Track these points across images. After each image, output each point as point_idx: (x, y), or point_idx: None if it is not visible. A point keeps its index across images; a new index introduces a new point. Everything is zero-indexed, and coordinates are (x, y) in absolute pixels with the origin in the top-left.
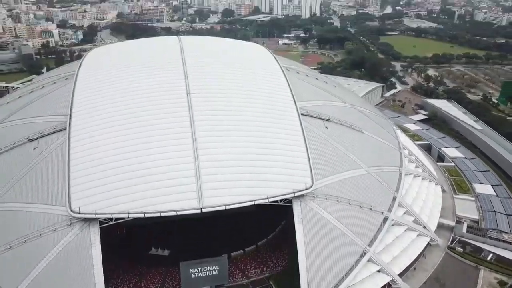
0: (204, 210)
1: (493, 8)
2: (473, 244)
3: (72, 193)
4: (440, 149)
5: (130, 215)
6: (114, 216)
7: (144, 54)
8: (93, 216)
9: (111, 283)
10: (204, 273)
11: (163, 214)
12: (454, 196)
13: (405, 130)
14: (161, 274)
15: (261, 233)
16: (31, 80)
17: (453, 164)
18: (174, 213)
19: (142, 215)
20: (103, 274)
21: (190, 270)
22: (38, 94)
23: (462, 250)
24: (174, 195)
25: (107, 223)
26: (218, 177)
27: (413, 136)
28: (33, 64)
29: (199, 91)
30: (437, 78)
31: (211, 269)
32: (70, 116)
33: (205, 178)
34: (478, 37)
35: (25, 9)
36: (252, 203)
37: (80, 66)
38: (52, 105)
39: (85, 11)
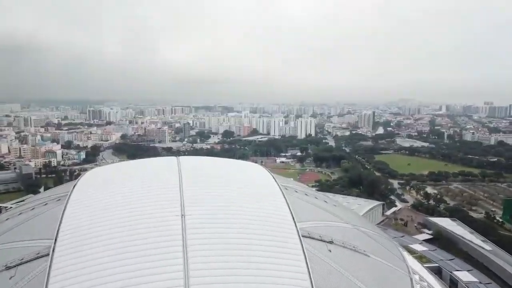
0: None
1: (480, 129)
2: None
3: None
4: (451, 272)
5: None
6: None
7: (140, 175)
8: None
9: None
10: None
11: None
12: None
13: (411, 251)
14: None
15: None
16: (24, 200)
17: None
18: None
19: None
20: None
21: None
22: (26, 216)
23: None
24: None
25: None
26: None
27: (421, 258)
28: (31, 184)
29: (194, 213)
30: (437, 196)
31: None
32: (55, 240)
33: None
34: (470, 156)
35: (34, 131)
36: None
37: (74, 187)
38: (39, 228)
39: (91, 133)
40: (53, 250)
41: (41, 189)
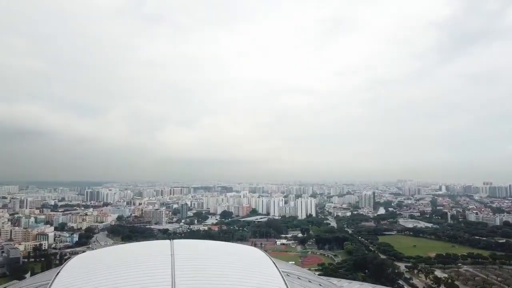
0: None
1: (483, 209)
2: None
3: None
4: None
5: None
6: None
7: (130, 261)
8: None
9: None
10: None
11: None
12: None
13: None
14: None
15: None
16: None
17: None
18: None
19: None
20: None
21: None
22: None
23: None
24: None
25: None
26: None
27: None
28: (17, 268)
29: None
30: (447, 280)
31: None
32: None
33: None
34: (477, 237)
35: (28, 213)
36: None
37: (56, 275)
38: None
39: (86, 214)
40: None
41: (27, 275)
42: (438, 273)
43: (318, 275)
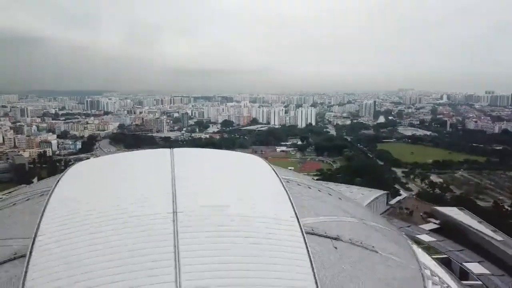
0: None
1: (482, 118)
2: None
3: None
4: (461, 264)
5: None
6: None
7: (130, 169)
8: None
9: None
10: None
11: None
12: None
13: (418, 242)
14: None
15: None
16: (11, 191)
17: (480, 282)
18: None
19: None
20: None
21: None
22: (7, 212)
23: None
24: None
25: None
26: None
27: (429, 249)
28: (24, 174)
29: (187, 210)
30: (442, 184)
31: None
32: (34, 241)
33: None
34: (475, 144)
35: (30, 122)
36: None
37: (58, 182)
38: (18, 226)
39: (87, 123)
40: (31, 250)
41: (35, 180)
42: (434, 178)
43: (317, 179)
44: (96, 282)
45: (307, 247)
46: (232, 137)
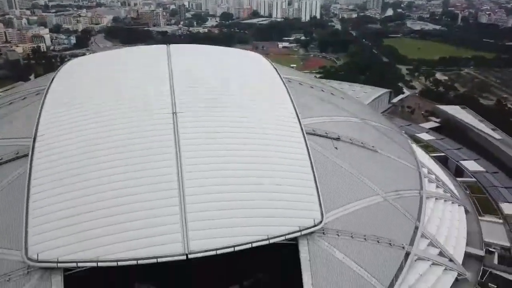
0: (190, 256)
1: (496, 11)
2: (506, 278)
3: (30, 236)
4: (458, 162)
5: (100, 264)
6: (79, 264)
7: (126, 66)
8: (54, 265)
9: None
10: None
11: (140, 262)
12: (479, 218)
13: (417, 140)
14: None
15: (263, 264)
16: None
17: (474, 179)
18: (153, 261)
19: (114, 264)
20: None
21: None
22: (4, 111)
23: (495, 286)
24: (153, 238)
25: (73, 269)
26: (207, 214)
27: (427, 147)
28: (19, 71)
29: (187, 110)
30: (447, 82)
31: None
32: (34, 139)
33: (192, 216)
34: (485, 40)
35: (19, 14)
36: (249, 245)
37: (52, 80)
38: (16, 125)
39: (80, 16)
40: (32, 150)
41: (32, 77)
42: (439, 75)
43: (319, 77)
44: (99, 174)
45: (307, 148)
46: (231, 32)
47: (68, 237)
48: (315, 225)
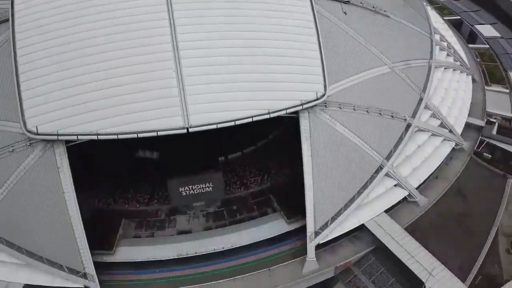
0: (191, 130)
1: None
2: (503, 148)
3: (26, 108)
4: (472, 26)
5: (100, 137)
6: (80, 137)
7: None
8: (55, 137)
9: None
10: (196, 191)
11: (140, 135)
12: (485, 87)
13: (432, 2)
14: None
15: (262, 133)
16: None
17: (487, 45)
18: (154, 134)
19: (114, 137)
20: (76, 203)
21: (180, 188)
22: None
23: (490, 156)
24: (153, 111)
25: (74, 141)
26: (206, 88)
27: (442, 10)
28: None
29: None
30: None
31: (204, 186)
32: (12, 3)
33: (191, 88)
34: None
35: None
36: (250, 119)
37: None
38: None
39: None
40: (12, 16)
41: None
42: None
43: None
44: (90, 43)
45: (314, 14)
46: None
47: (66, 110)
48: (317, 99)
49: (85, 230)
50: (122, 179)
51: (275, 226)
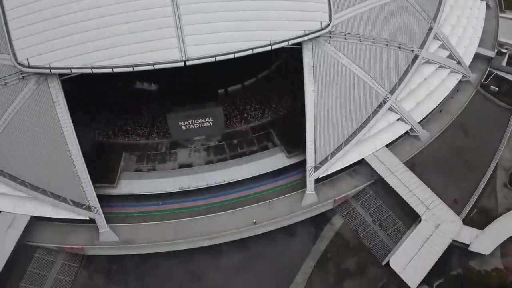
0: (188, 63)
1: None
2: (510, 80)
3: (14, 39)
4: None
5: (95, 70)
6: (73, 71)
7: None
8: (48, 71)
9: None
10: (196, 126)
11: (136, 69)
12: (499, 14)
13: None
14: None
15: (263, 64)
16: None
17: None
18: (150, 67)
19: (109, 70)
20: (75, 137)
21: (180, 123)
22: None
23: (497, 89)
24: (149, 42)
25: (68, 74)
26: (204, 17)
27: None
28: None
29: None
30: None
31: (204, 121)
32: None
33: (187, 18)
34: None
35: None
36: (250, 52)
37: None
38: None
39: None
40: None
41: None
42: None
43: None
44: None
45: None
46: None
47: (58, 40)
48: (321, 29)
49: (86, 164)
50: (120, 112)
51: (275, 160)
